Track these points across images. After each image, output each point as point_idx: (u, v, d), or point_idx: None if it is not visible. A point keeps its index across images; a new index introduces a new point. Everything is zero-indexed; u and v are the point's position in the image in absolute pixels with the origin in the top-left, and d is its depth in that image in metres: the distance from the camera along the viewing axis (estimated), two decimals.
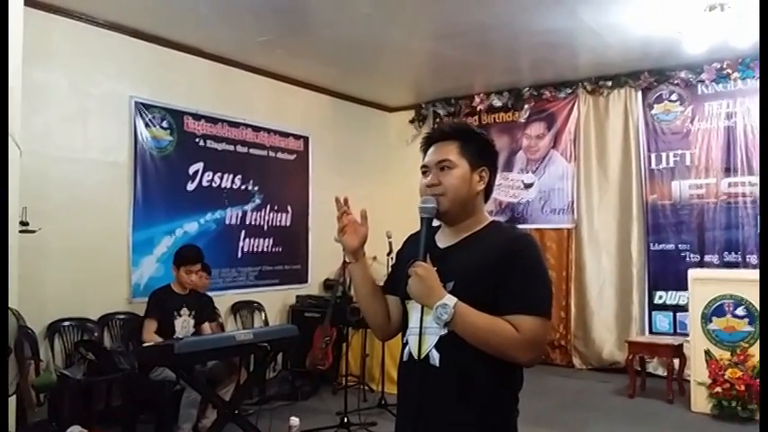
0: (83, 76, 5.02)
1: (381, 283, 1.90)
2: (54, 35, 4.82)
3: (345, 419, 4.72)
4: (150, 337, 4.43)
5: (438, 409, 1.61)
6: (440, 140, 1.76)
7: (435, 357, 1.62)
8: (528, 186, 7.37)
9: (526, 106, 7.36)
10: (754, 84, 6.08)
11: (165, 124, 5.56)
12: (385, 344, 5.29)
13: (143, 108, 5.38)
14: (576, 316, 6.98)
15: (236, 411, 4.17)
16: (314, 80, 6.99)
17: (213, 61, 6.00)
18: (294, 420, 4.75)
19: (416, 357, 1.65)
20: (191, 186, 5.77)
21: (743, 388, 4.92)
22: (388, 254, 5.52)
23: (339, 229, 1.79)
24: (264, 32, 5.43)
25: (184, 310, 4.62)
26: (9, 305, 3.34)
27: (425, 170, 1.75)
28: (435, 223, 1.75)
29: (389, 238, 5.52)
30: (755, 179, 6.04)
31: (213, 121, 5.98)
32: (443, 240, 1.75)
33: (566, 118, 7.16)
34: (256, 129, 6.41)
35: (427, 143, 1.79)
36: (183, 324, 4.58)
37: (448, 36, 5.55)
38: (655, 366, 6.23)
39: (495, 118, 7.61)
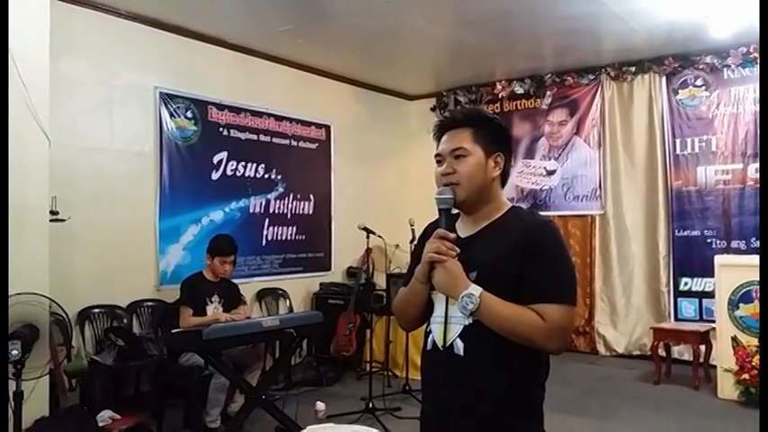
0: (107, 68, 5.07)
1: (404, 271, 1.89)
2: (78, 26, 4.87)
3: (370, 404, 4.76)
4: (189, 322, 4.47)
5: (462, 398, 1.61)
6: (452, 128, 1.73)
7: (460, 347, 1.62)
8: (550, 173, 7.33)
9: (548, 93, 7.31)
10: None
11: (189, 114, 5.61)
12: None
13: (167, 98, 5.44)
14: (602, 302, 6.95)
15: (264, 396, 4.24)
16: (335, 69, 7.00)
17: (236, 51, 6.03)
18: (320, 405, 4.82)
19: (441, 347, 1.65)
20: (215, 175, 5.83)
21: None
22: (411, 241, 5.55)
23: (437, 260, 1.64)
24: (286, 22, 5.44)
25: (215, 298, 4.69)
26: (41, 293, 3.42)
27: (440, 159, 1.73)
28: (454, 211, 1.73)
29: (412, 225, 5.54)
30: None
31: (236, 110, 6.02)
32: (464, 229, 1.73)
33: (589, 104, 7.10)
34: (279, 118, 6.45)
35: (440, 131, 1.77)
36: (214, 311, 4.64)
37: (469, 23, 5.52)
38: (680, 351, 6.18)
39: (516, 105, 7.57)
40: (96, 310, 4.83)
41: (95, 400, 4.34)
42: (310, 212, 6.80)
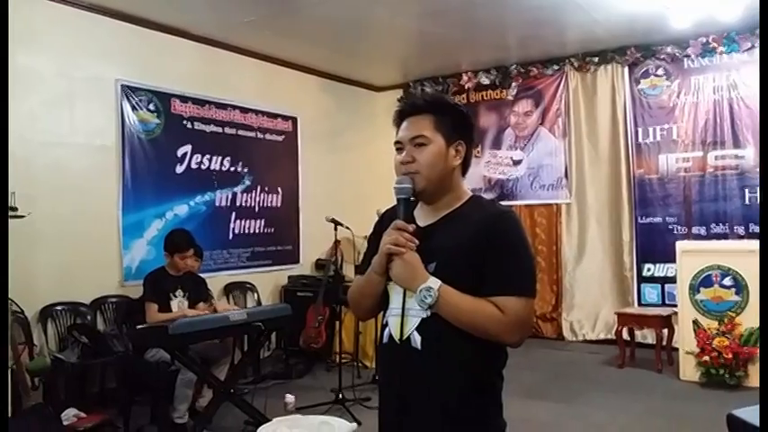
0: (67, 60, 4.97)
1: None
2: (37, 19, 4.76)
3: (340, 395, 4.77)
4: (155, 317, 4.39)
5: (420, 392, 1.59)
6: (413, 114, 1.68)
7: (417, 340, 1.58)
8: (517, 163, 7.40)
9: (514, 84, 7.37)
10: (740, 57, 6.14)
11: (151, 107, 5.53)
12: (378, 321, 5.34)
13: (129, 91, 5.35)
14: (568, 289, 7.07)
15: (232, 390, 4.22)
16: (301, 60, 6.96)
17: (199, 43, 5.95)
18: (290, 398, 4.82)
19: (398, 340, 1.62)
20: (180, 169, 5.76)
21: (730, 356, 5.01)
22: None
23: (395, 252, 1.60)
24: (250, 13, 5.38)
25: (179, 292, 4.62)
26: None
27: (399, 146, 1.68)
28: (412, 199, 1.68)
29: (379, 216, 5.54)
30: (742, 152, 6.13)
31: (201, 103, 5.95)
32: (423, 218, 1.68)
33: (553, 95, 7.18)
34: (244, 110, 6.39)
35: (400, 117, 1.71)
36: (179, 305, 4.57)
37: (434, 14, 5.53)
38: (644, 335, 6.31)
39: (483, 96, 7.62)
40: (59, 308, 4.75)
41: (59, 399, 4.27)
42: (278, 205, 6.76)
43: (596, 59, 6.85)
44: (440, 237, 1.62)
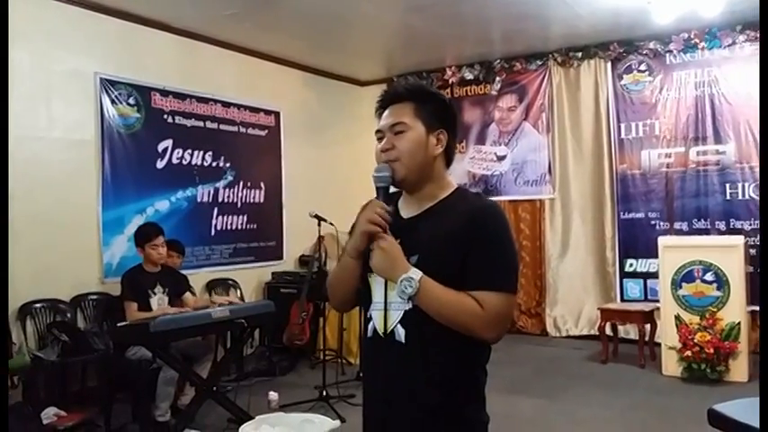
0: (44, 53, 4.87)
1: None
2: (12, 11, 4.64)
3: (324, 393, 4.74)
4: (135, 316, 4.31)
5: (405, 385, 1.57)
6: (394, 102, 1.66)
7: (401, 333, 1.56)
8: (501, 159, 7.41)
9: (498, 78, 7.37)
10: (721, 53, 6.18)
11: (131, 101, 5.44)
12: (362, 317, 5.31)
13: (108, 85, 5.26)
14: (552, 285, 7.09)
15: (215, 388, 4.18)
16: (284, 54, 6.89)
17: (180, 36, 5.87)
18: (273, 395, 4.78)
19: (381, 333, 1.60)
20: (160, 164, 5.68)
21: (712, 351, 5.06)
22: None
23: (370, 233, 1.58)
24: (231, 5, 5.31)
25: (158, 288, 4.54)
26: None
27: (380, 135, 1.66)
28: (393, 189, 1.66)
29: None
30: (723, 147, 6.18)
31: (181, 96, 5.87)
32: (406, 210, 1.66)
33: (537, 90, 7.18)
34: (226, 104, 6.31)
35: (381, 106, 1.69)
36: (159, 302, 4.50)
37: (418, 8, 5.49)
38: (627, 331, 6.35)
39: (467, 91, 7.61)
40: (38, 305, 4.66)
41: (39, 398, 4.22)
42: (261, 201, 6.70)
43: (579, 54, 6.87)
44: (423, 229, 1.60)
